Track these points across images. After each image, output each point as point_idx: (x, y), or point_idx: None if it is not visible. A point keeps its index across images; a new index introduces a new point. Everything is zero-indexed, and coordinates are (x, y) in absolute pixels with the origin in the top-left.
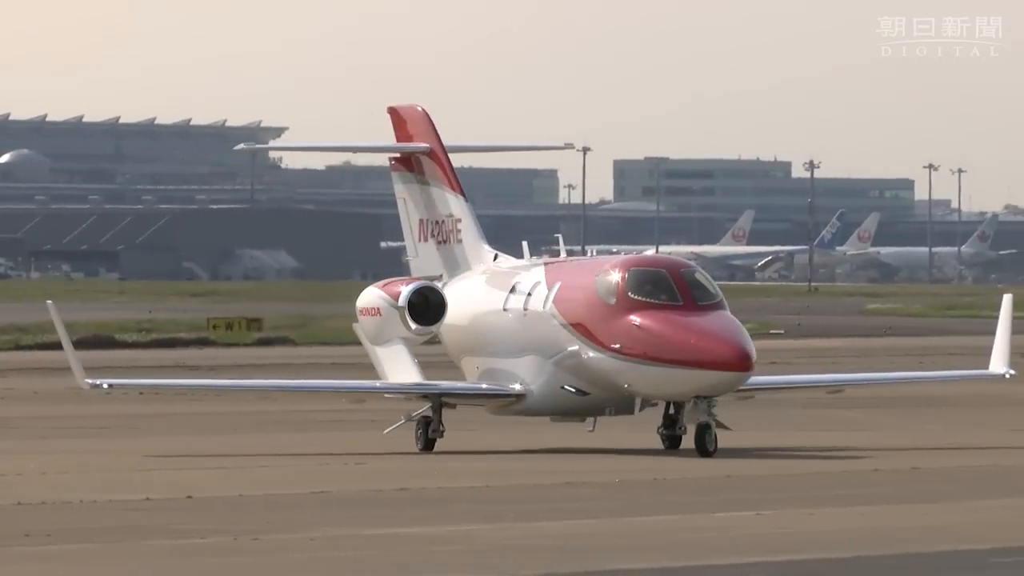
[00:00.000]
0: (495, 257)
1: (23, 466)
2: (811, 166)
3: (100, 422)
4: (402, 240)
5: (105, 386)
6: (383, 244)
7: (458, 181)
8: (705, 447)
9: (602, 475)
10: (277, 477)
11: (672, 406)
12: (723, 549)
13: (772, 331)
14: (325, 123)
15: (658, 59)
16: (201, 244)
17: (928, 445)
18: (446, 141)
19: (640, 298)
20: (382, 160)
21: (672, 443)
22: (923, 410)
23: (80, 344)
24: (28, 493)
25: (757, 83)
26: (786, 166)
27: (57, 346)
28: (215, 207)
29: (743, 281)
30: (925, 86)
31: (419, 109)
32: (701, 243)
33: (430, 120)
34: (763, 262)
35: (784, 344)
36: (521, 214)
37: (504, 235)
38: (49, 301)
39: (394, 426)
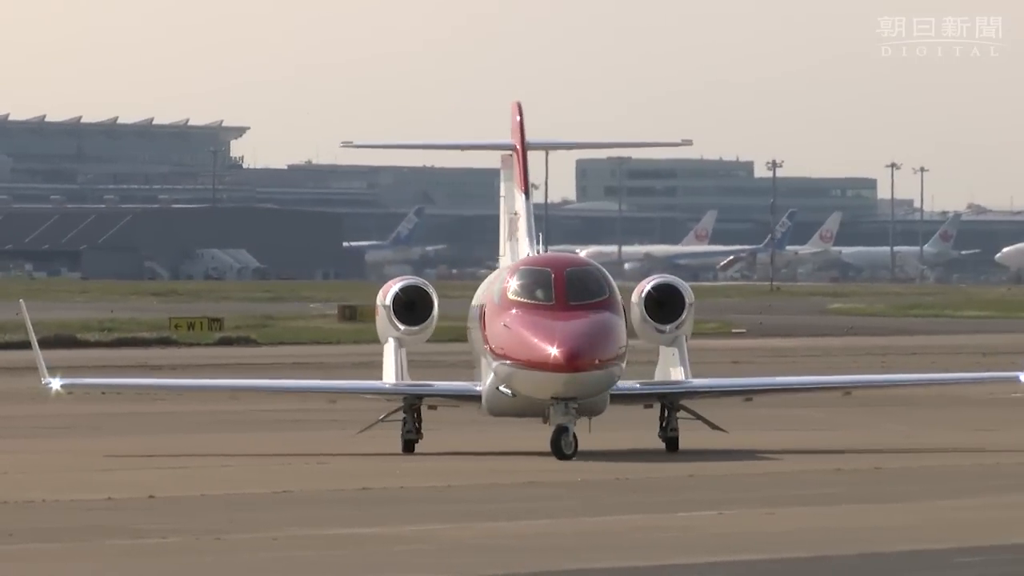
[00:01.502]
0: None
1: None
2: (773, 166)
3: (63, 422)
4: (363, 240)
5: (56, 387)
6: (345, 244)
7: (527, 179)
8: (560, 450)
9: (565, 475)
10: (239, 477)
11: (662, 407)
12: (685, 549)
13: (734, 330)
14: (287, 123)
15: (620, 57)
16: (163, 244)
17: (891, 445)
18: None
19: (516, 298)
20: (345, 159)
21: (668, 445)
22: (886, 410)
23: (42, 344)
24: None
25: (718, 82)
26: (748, 166)
27: (18, 345)
28: (177, 207)
29: (707, 281)
30: (887, 86)
31: (515, 105)
32: (663, 243)
33: (521, 117)
34: (725, 262)
35: (746, 343)
36: (483, 213)
37: (465, 235)
38: (21, 300)
39: (367, 427)
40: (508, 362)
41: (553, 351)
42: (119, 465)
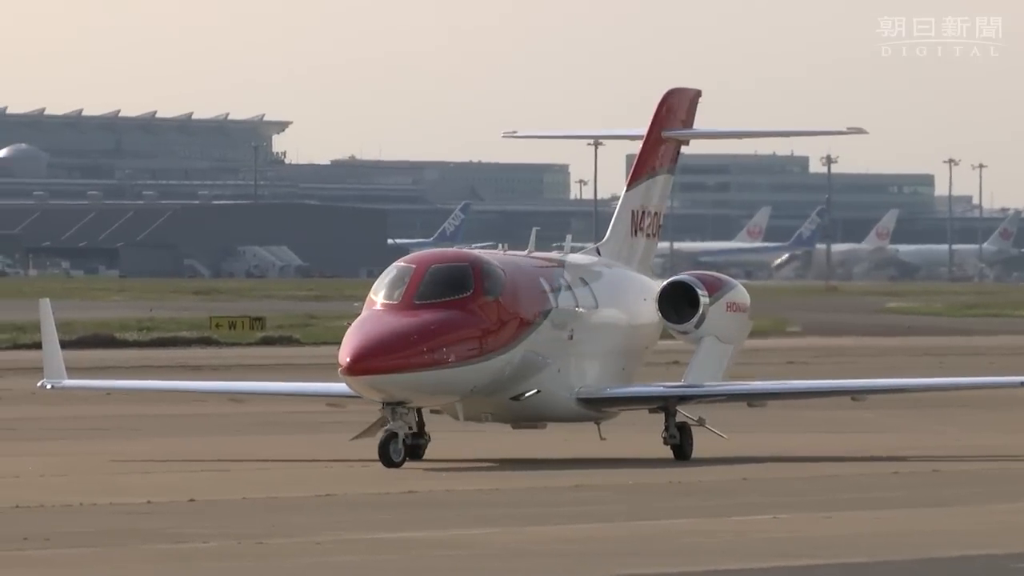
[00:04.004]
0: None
1: (21, 468)
2: (828, 161)
3: (100, 423)
4: (408, 237)
5: (48, 386)
6: (390, 241)
7: (634, 172)
8: (388, 458)
9: (615, 478)
10: (281, 480)
11: (664, 413)
12: (739, 553)
13: (789, 329)
14: (331, 117)
15: (672, 52)
16: (203, 241)
17: (948, 447)
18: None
19: (371, 296)
20: (388, 155)
21: (674, 453)
22: (942, 411)
23: (80, 343)
24: (26, 496)
25: (773, 77)
26: (803, 161)
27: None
28: (217, 203)
29: (761, 280)
30: (946, 81)
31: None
32: (715, 240)
33: (663, 105)
34: (779, 260)
35: (801, 343)
36: (531, 209)
37: (513, 231)
38: (45, 299)
39: (360, 433)
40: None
41: (345, 355)
42: (158, 468)
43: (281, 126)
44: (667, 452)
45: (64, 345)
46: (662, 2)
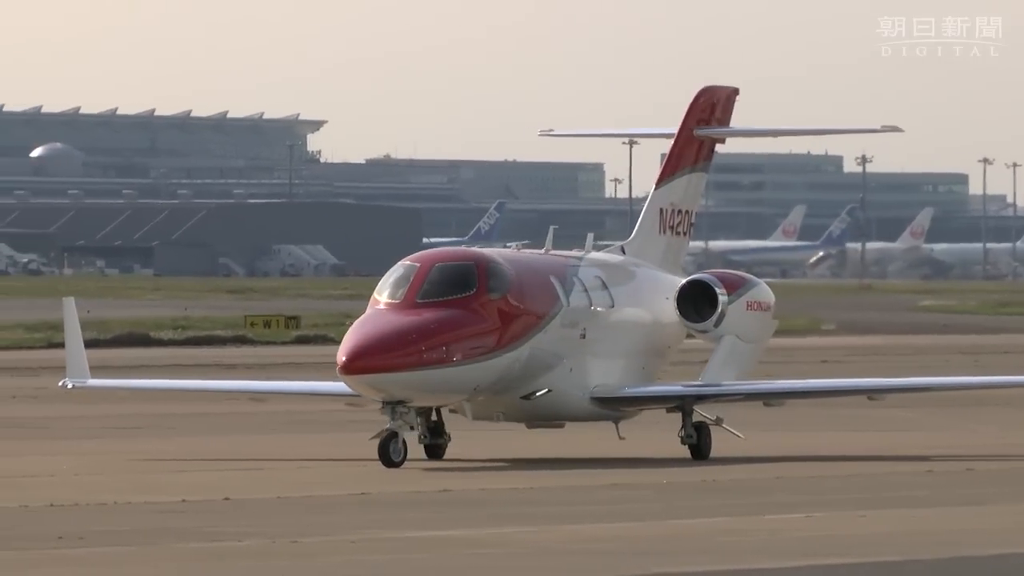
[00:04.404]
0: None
1: (56, 467)
2: (863, 160)
3: (134, 422)
4: (443, 235)
5: (70, 385)
6: (425, 240)
7: (664, 170)
8: (388, 457)
9: (649, 477)
10: (316, 479)
11: (681, 411)
12: (772, 552)
13: (823, 328)
14: (365, 116)
15: (709, 50)
16: (238, 240)
17: (982, 446)
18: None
19: (375, 296)
20: (425, 153)
21: (691, 453)
22: (977, 410)
23: (115, 342)
24: (61, 494)
25: (807, 73)
26: (838, 160)
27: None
28: (252, 202)
29: (795, 278)
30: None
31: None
32: (750, 238)
33: (695, 102)
34: (814, 259)
35: (836, 341)
36: (565, 208)
37: (547, 230)
38: (69, 298)
39: (377, 432)
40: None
41: (342, 353)
42: (193, 466)
43: (316, 125)
44: (685, 452)
45: (99, 344)
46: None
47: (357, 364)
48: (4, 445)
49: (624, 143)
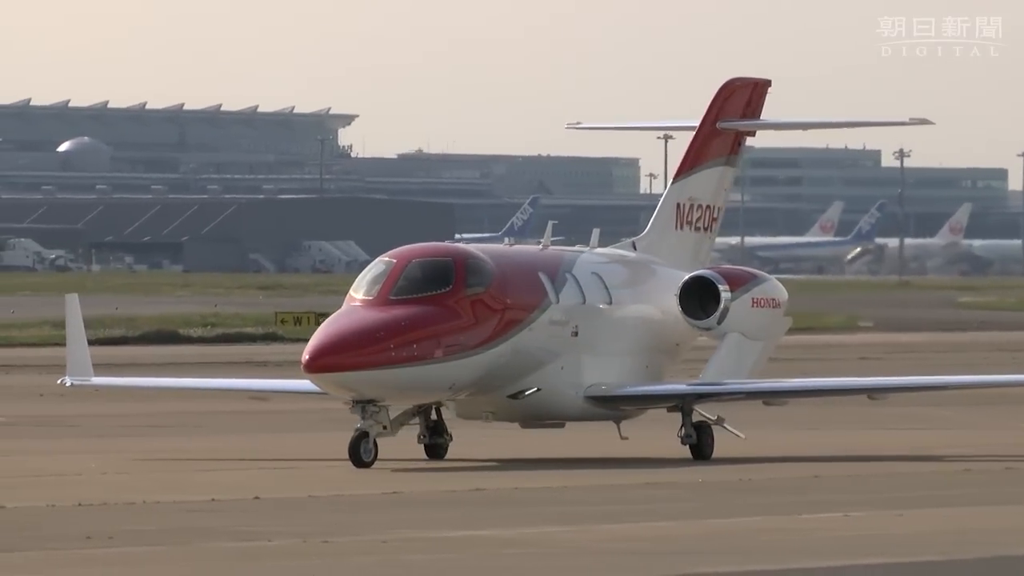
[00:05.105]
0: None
1: (83, 466)
2: (901, 155)
3: (164, 420)
4: (476, 232)
5: (69, 383)
6: (457, 235)
7: (681, 164)
8: (359, 457)
9: (685, 475)
10: (346, 478)
11: (680, 411)
12: (810, 551)
13: (861, 324)
14: (397, 111)
15: (743, 43)
16: (268, 235)
17: (1021, 445)
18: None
19: (351, 293)
20: (456, 148)
21: (692, 453)
22: (1019, 408)
23: (144, 339)
24: (89, 494)
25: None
26: (875, 155)
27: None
28: (282, 197)
29: (833, 275)
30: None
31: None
32: (787, 234)
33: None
34: (852, 255)
35: (874, 339)
36: (600, 203)
37: (582, 225)
38: (72, 294)
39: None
40: None
41: (305, 351)
42: (222, 465)
43: (347, 119)
44: (686, 452)
45: (127, 341)
46: None
47: (320, 362)
48: (31, 443)
49: (659, 137)
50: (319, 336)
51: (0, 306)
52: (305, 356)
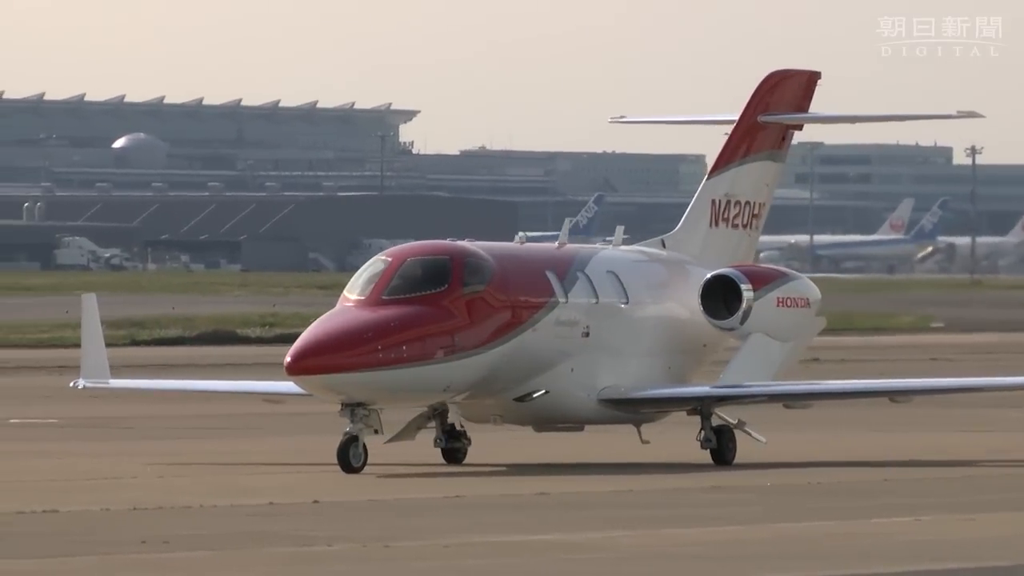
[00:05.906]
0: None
1: (138, 468)
2: (972, 152)
3: (220, 422)
4: (539, 229)
5: (81, 385)
6: (520, 234)
7: (718, 159)
8: (348, 462)
9: (753, 479)
10: (407, 482)
11: (700, 414)
12: (880, 556)
13: (932, 324)
14: (460, 107)
15: (806, 40)
16: (327, 233)
17: None
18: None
19: (346, 292)
20: (519, 145)
21: (713, 458)
22: None
23: (200, 339)
24: (144, 497)
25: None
26: (947, 152)
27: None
28: (342, 194)
29: (903, 274)
30: None
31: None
32: (856, 233)
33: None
34: (923, 254)
35: (946, 339)
36: (667, 201)
37: (648, 224)
38: (90, 294)
39: (393, 436)
40: None
41: (288, 353)
42: (281, 468)
43: (408, 115)
44: (706, 456)
45: (184, 342)
46: None
47: (303, 364)
48: (85, 446)
49: (725, 134)
50: (304, 337)
51: (54, 305)
52: (287, 358)
